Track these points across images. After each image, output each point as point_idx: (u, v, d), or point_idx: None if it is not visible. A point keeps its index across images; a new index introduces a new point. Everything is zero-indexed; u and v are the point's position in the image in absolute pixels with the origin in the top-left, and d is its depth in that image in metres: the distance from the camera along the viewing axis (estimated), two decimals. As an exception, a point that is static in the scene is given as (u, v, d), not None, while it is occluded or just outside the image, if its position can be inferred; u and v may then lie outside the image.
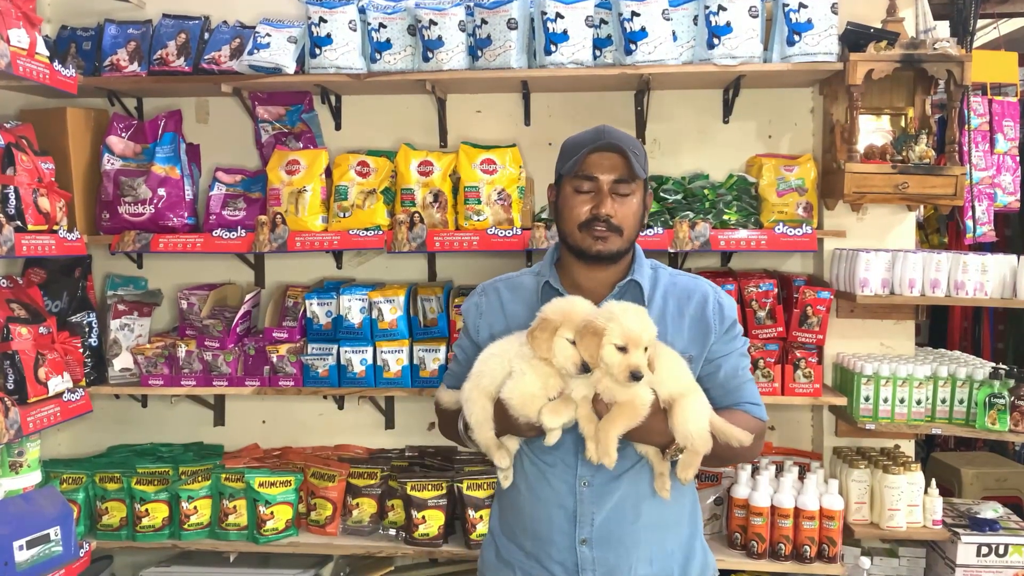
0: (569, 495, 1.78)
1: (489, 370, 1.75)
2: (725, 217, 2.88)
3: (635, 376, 1.62)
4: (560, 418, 1.67)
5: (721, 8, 2.71)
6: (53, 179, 2.69)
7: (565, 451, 1.78)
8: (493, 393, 1.73)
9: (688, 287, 1.89)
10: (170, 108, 3.17)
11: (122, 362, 3.05)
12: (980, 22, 3.48)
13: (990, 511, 2.87)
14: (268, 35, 2.89)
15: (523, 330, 1.75)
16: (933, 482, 2.78)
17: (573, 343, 1.66)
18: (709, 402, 1.74)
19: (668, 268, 1.94)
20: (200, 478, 2.93)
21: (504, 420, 1.72)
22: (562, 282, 1.88)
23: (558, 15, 2.73)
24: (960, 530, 2.75)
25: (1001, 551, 2.71)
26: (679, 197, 2.93)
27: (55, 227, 2.61)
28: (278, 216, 2.92)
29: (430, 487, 2.83)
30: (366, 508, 2.96)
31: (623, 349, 1.63)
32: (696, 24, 2.80)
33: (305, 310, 2.98)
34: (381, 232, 2.91)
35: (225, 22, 3.07)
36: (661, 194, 2.94)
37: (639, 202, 1.84)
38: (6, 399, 2.31)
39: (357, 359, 2.92)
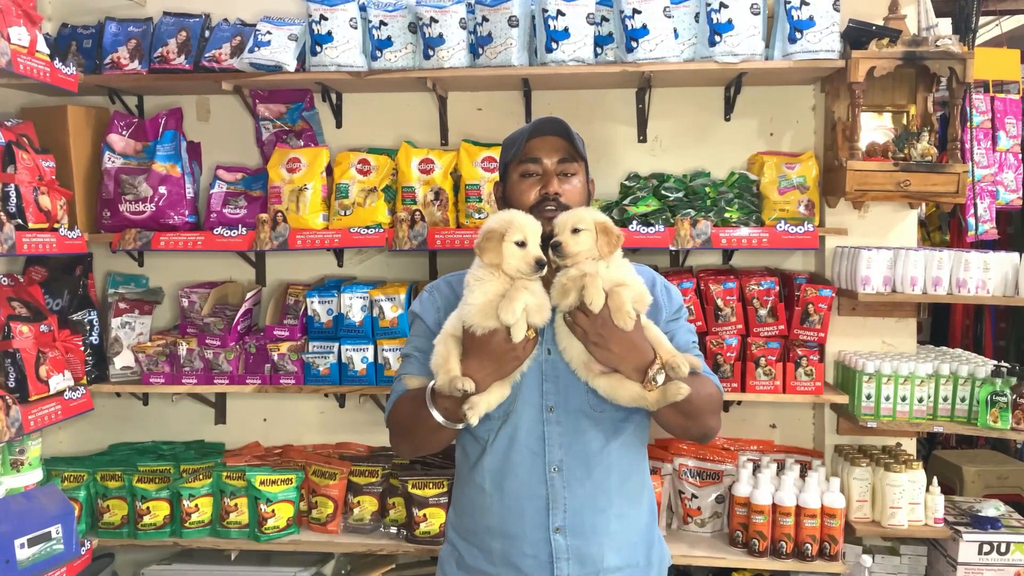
0: (540, 483, 1.79)
1: (448, 320, 1.76)
2: (726, 215, 2.88)
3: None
4: (515, 312, 1.62)
5: (723, 5, 2.71)
6: (54, 177, 2.69)
7: (533, 438, 1.79)
8: (455, 332, 1.72)
9: (636, 270, 1.94)
10: (171, 106, 3.17)
11: (123, 360, 3.04)
12: (982, 19, 3.48)
13: (992, 509, 2.87)
14: (269, 33, 2.89)
15: None
16: (935, 480, 2.78)
17: (520, 245, 1.68)
18: None
19: None
20: (201, 476, 2.94)
21: (475, 365, 1.65)
22: None
23: (559, 12, 2.73)
24: (962, 528, 2.74)
25: (1003, 549, 2.71)
26: (680, 195, 2.93)
27: (56, 225, 2.61)
28: (279, 214, 2.92)
29: (431, 485, 2.83)
30: (367, 506, 2.96)
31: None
32: (697, 21, 2.79)
33: (306, 308, 2.98)
34: (382, 230, 2.91)
35: (226, 20, 3.07)
36: (662, 192, 2.94)
37: (583, 183, 1.91)
38: (7, 397, 2.31)
39: (358, 357, 2.92)
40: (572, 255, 1.70)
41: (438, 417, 1.69)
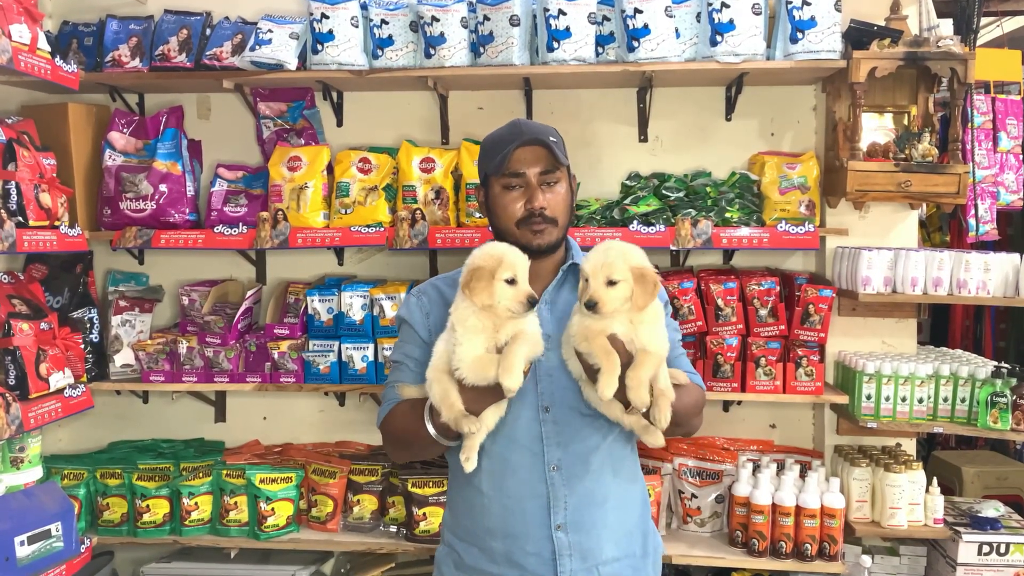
0: (540, 482, 1.81)
1: (437, 352, 1.74)
2: (727, 215, 2.88)
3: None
4: (518, 376, 1.61)
5: (724, 5, 2.71)
6: (54, 175, 2.69)
7: (531, 439, 1.81)
8: (448, 369, 1.70)
9: None
10: (172, 104, 3.17)
11: (123, 358, 3.04)
12: (983, 20, 3.47)
13: (991, 510, 2.87)
14: (270, 31, 2.89)
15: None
16: (934, 480, 2.78)
17: (510, 283, 1.66)
18: None
19: None
20: (201, 474, 2.94)
21: (472, 397, 1.67)
22: None
23: (560, 12, 2.72)
24: (961, 529, 2.75)
25: (1002, 550, 2.71)
26: (681, 195, 2.93)
27: (56, 223, 2.61)
28: (280, 212, 2.92)
29: (431, 484, 2.83)
30: (367, 505, 2.96)
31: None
32: (699, 21, 2.79)
33: (306, 307, 2.98)
34: (383, 229, 2.91)
35: (227, 18, 3.07)
36: (663, 191, 2.94)
37: (566, 189, 1.91)
38: (7, 395, 2.31)
39: (358, 356, 2.92)
40: (609, 314, 1.64)
41: (440, 439, 1.75)
